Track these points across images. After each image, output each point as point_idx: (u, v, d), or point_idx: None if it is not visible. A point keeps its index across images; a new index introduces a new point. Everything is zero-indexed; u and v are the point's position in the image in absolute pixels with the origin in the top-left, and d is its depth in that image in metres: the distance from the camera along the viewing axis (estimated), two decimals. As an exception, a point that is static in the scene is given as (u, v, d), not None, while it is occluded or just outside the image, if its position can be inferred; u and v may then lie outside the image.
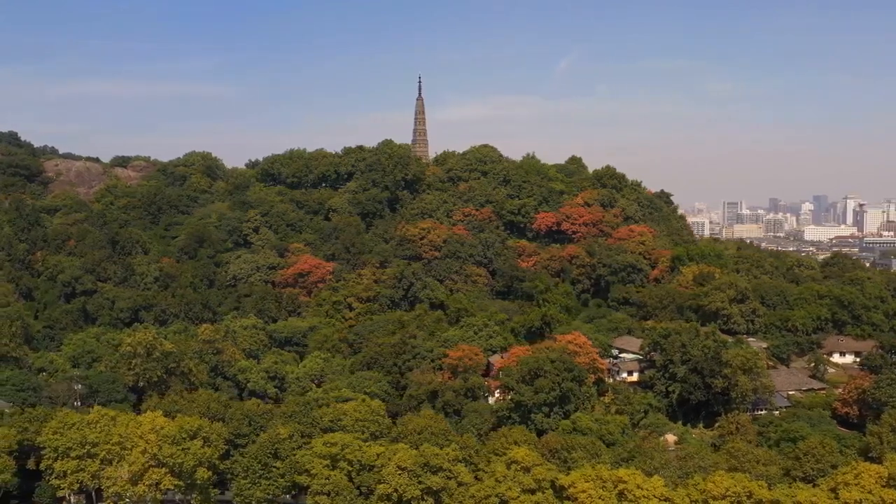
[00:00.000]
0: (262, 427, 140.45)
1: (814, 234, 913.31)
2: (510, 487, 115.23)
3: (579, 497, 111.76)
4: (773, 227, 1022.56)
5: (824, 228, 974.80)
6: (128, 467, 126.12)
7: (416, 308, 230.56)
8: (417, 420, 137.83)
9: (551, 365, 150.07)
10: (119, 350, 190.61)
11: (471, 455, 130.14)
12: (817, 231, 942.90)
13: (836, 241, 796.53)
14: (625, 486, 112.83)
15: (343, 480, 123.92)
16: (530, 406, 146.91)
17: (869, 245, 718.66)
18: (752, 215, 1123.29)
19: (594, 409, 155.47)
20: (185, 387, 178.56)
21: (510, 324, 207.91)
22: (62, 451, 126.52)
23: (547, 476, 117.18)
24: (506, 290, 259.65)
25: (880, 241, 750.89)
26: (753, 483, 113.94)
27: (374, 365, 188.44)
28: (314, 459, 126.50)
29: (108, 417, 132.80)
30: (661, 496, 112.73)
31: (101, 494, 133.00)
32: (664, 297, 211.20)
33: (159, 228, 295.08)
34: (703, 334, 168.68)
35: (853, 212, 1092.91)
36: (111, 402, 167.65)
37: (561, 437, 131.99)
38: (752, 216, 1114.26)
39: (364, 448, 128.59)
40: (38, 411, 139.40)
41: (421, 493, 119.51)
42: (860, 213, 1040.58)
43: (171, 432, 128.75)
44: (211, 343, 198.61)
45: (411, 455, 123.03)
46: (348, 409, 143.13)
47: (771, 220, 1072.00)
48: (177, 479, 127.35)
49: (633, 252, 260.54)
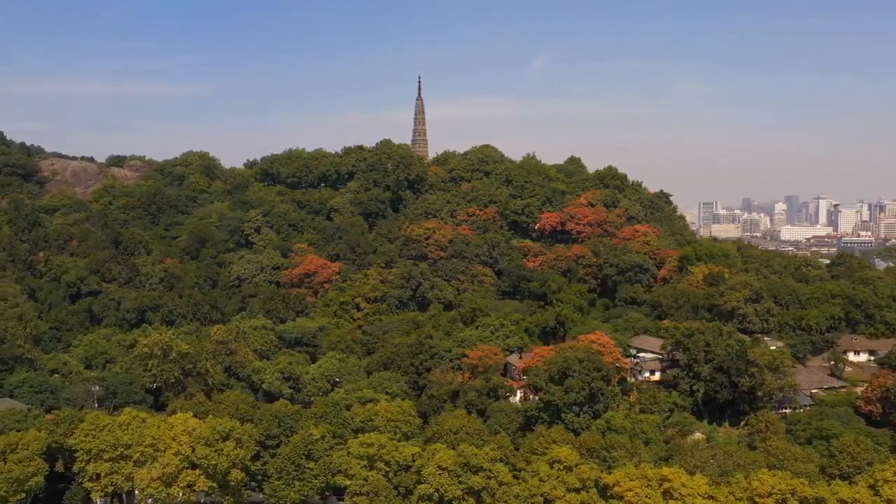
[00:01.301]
0: (291, 428, 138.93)
1: (790, 233, 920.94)
2: (555, 487, 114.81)
3: (626, 496, 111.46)
4: (749, 226, 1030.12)
5: (800, 228, 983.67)
6: (161, 469, 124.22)
7: (430, 308, 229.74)
8: (452, 420, 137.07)
9: (580, 364, 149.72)
10: (134, 351, 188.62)
11: (506, 455, 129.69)
12: (793, 231, 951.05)
13: (814, 240, 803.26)
14: (670, 485, 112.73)
15: (381, 481, 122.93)
16: (560, 406, 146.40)
17: (848, 245, 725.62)
18: (728, 215, 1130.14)
19: (618, 408, 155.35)
20: (201, 388, 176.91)
21: (524, 323, 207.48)
22: (95, 454, 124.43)
23: (590, 475, 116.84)
24: (512, 290, 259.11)
25: (859, 241, 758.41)
26: (796, 481, 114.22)
27: (391, 365, 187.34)
28: (351, 460, 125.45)
29: (139, 419, 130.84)
30: (705, 494, 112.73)
31: (130, 497, 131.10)
32: (679, 297, 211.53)
33: (159, 228, 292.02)
34: (726, 333, 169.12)
35: (828, 212, 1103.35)
36: (129, 403, 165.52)
37: (599, 437, 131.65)
38: (729, 216, 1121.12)
39: (400, 448, 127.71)
40: (66, 413, 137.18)
41: (462, 493, 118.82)
42: (835, 213, 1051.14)
43: (203, 433, 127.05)
44: (224, 344, 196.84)
45: (450, 455, 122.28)
46: (379, 410, 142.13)
47: (747, 220, 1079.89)
48: (210, 480, 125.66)
49: (639, 252, 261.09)
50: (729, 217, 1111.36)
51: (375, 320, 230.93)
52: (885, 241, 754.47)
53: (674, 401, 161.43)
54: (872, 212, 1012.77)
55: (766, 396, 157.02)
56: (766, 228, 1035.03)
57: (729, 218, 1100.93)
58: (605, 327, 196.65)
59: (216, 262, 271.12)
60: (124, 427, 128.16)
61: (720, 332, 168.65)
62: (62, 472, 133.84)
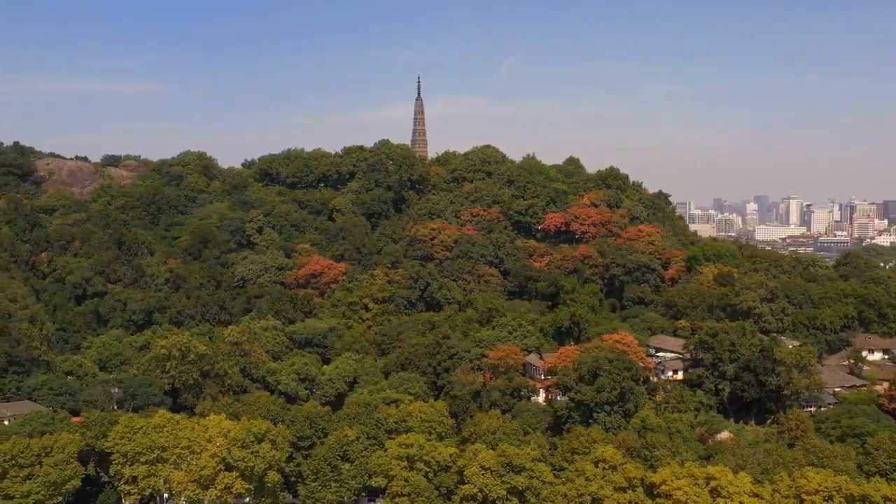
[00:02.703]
0: (323, 429, 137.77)
1: (765, 233, 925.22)
2: (602, 486, 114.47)
3: (674, 494, 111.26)
4: (724, 226, 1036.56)
5: (775, 228, 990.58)
6: (198, 471, 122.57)
7: (445, 309, 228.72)
8: (489, 420, 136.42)
9: (610, 364, 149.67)
10: (150, 353, 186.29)
11: (544, 454, 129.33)
12: (768, 230, 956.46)
13: (790, 240, 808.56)
14: (717, 483, 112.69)
15: (423, 481, 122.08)
16: (592, 405, 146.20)
17: (825, 245, 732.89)
18: (703, 215, 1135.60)
19: (646, 407, 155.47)
20: (219, 389, 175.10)
21: (539, 323, 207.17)
22: (131, 456, 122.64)
23: (636, 474, 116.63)
24: (518, 290, 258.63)
25: (836, 241, 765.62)
26: (840, 478, 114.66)
27: (409, 366, 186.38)
28: (391, 461, 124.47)
29: (174, 421, 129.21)
30: (750, 492, 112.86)
31: (162, 499, 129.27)
32: (693, 297, 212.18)
33: (160, 229, 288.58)
34: (749, 333, 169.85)
35: (800, 212, 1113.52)
36: (148, 405, 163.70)
37: (636, 436, 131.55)
38: (704, 216, 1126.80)
39: (438, 449, 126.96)
40: (97, 415, 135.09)
41: (506, 493, 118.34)
42: (807, 213, 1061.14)
43: (238, 435, 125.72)
44: (238, 345, 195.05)
45: (491, 455, 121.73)
46: (413, 410, 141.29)
47: (722, 220, 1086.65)
48: (247, 482, 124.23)
49: (644, 252, 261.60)
50: (703, 217, 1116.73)
51: (384, 321, 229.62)
52: (860, 240, 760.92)
53: (700, 400, 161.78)
54: (843, 212, 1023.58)
55: (793, 395, 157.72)
56: (739, 228, 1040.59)
57: (703, 218, 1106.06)
58: (624, 327, 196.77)
59: (219, 263, 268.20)
60: (159, 429, 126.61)
61: (744, 331, 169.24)
62: (92, 475, 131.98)
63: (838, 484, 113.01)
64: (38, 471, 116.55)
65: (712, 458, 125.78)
